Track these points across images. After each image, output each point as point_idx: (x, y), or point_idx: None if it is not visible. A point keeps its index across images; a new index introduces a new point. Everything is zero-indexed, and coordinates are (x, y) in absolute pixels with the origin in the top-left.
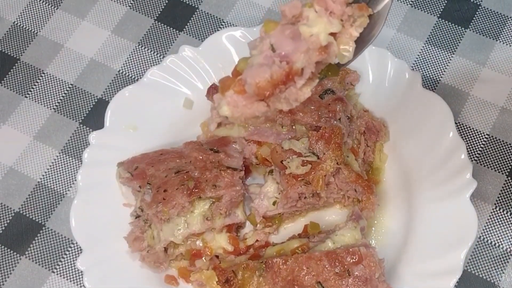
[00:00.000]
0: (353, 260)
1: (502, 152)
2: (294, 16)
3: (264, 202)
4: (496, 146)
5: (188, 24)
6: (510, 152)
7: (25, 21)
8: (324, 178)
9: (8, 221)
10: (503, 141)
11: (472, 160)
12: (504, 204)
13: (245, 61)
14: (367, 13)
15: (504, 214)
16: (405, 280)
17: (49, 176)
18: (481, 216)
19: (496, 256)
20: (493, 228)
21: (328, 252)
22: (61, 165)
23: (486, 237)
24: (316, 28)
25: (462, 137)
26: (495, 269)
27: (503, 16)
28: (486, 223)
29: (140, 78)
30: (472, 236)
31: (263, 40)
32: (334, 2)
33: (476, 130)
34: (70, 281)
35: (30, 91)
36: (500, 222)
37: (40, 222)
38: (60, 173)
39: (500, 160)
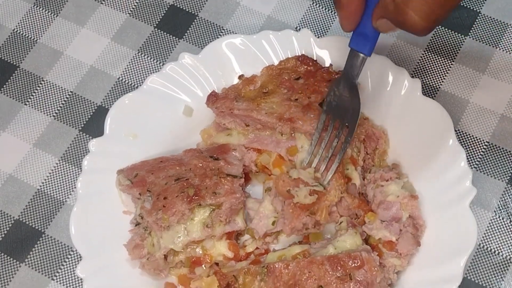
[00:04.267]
0: (355, 265)
1: (501, 159)
2: None
3: (263, 222)
4: (496, 153)
5: (187, 31)
6: (510, 159)
7: (24, 28)
8: (328, 208)
9: (7, 229)
10: (502, 148)
11: (471, 168)
12: (504, 211)
13: None
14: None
15: (504, 221)
16: None
17: (48, 184)
18: (480, 224)
19: (496, 264)
20: (493, 235)
21: (330, 256)
22: (61, 172)
23: (486, 245)
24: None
25: (461, 145)
26: (495, 277)
27: (503, 24)
28: (486, 230)
29: (140, 85)
30: (471, 244)
31: None
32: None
33: (476, 137)
34: None
35: (30, 98)
36: (500, 230)
37: (39, 229)
38: (59, 180)
39: (499, 168)
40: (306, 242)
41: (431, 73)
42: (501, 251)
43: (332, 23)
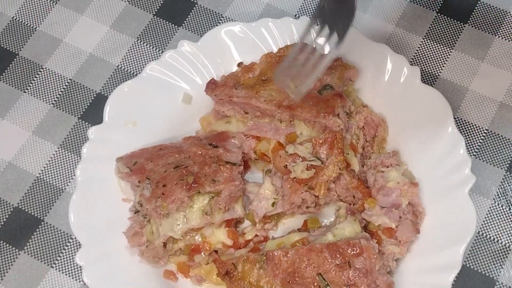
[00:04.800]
0: (354, 252)
1: (501, 147)
2: None
3: (262, 203)
4: (495, 141)
5: (187, 19)
6: (509, 147)
7: (24, 16)
8: (327, 183)
9: (7, 216)
10: (502, 136)
11: (471, 155)
12: (503, 199)
13: None
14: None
15: (503, 209)
16: (405, 275)
17: (48, 171)
18: (480, 211)
19: (495, 251)
20: (492, 223)
21: (329, 244)
22: (60, 160)
23: (485, 232)
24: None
25: (461, 132)
26: (494, 264)
27: (502, 11)
28: (485, 218)
29: (139, 73)
30: (471, 231)
31: None
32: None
33: (475, 125)
34: (69, 276)
35: (29, 86)
36: (499, 217)
37: (39, 217)
38: (59, 168)
39: (499, 155)
40: (305, 229)
41: (430, 60)
42: (500, 239)
43: None
